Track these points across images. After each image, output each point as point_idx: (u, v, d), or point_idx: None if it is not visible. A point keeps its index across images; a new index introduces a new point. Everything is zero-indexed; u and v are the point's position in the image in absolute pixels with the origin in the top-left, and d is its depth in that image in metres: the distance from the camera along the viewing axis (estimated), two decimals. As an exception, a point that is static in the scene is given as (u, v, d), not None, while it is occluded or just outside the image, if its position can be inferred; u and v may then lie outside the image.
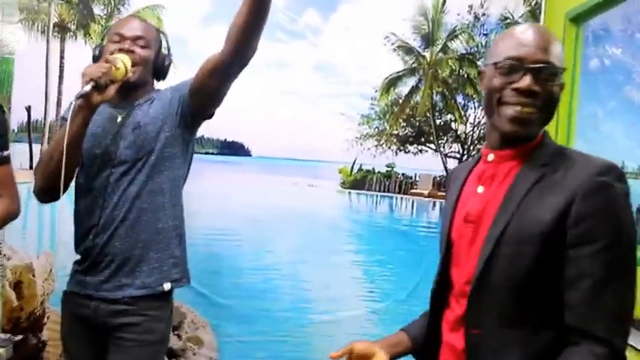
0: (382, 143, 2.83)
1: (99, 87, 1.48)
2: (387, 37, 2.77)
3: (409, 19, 2.79)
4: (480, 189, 1.14)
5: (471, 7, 2.78)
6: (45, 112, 2.71)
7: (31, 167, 2.70)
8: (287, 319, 2.63)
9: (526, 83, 1.04)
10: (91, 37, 2.72)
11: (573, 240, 0.99)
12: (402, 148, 2.84)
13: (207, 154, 2.77)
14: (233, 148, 2.82)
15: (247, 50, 1.56)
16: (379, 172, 2.86)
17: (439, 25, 2.80)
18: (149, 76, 1.74)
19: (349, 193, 2.85)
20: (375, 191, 2.85)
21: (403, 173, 2.85)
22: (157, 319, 1.66)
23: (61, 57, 2.72)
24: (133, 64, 1.61)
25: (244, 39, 1.52)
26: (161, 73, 1.77)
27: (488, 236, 1.06)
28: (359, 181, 2.85)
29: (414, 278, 2.62)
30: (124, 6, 2.74)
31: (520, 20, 2.71)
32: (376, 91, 2.80)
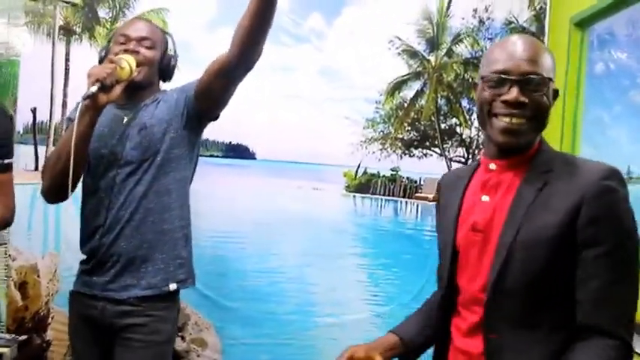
0: (387, 147, 2.82)
1: (105, 87, 1.49)
2: (392, 41, 2.77)
3: (414, 23, 2.78)
4: (485, 198, 1.17)
5: (475, 11, 2.77)
6: (50, 114, 2.71)
7: (37, 169, 2.71)
8: (292, 321, 2.62)
9: (513, 95, 1.07)
10: (96, 40, 2.73)
11: (583, 242, 1.03)
12: (406, 151, 2.83)
13: (211, 156, 2.76)
14: (238, 151, 2.81)
15: (253, 53, 1.56)
16: (384, 175, 2.85)
17: (444, 29, 2.79)
18: (155, 77, 1.75)
19: (354, 196, 2.84)
20: (379, 195, 2.84)
21: (408, 177, 2.84)
22: (163, 320, 1.66)
23: (67, 59, 2.72)
24: (137, 65, 1.62)
25: (250, 41, 1.53)
26: (167, 73, 1.78)
27: (500, 244, 1.09)
28: (363, 184, 2.84)
29: (419, 282, 2.61)
30: (129, 9, 2.75)
31: (525, 24, 2.71)
32: (381, 95, 2.79)
